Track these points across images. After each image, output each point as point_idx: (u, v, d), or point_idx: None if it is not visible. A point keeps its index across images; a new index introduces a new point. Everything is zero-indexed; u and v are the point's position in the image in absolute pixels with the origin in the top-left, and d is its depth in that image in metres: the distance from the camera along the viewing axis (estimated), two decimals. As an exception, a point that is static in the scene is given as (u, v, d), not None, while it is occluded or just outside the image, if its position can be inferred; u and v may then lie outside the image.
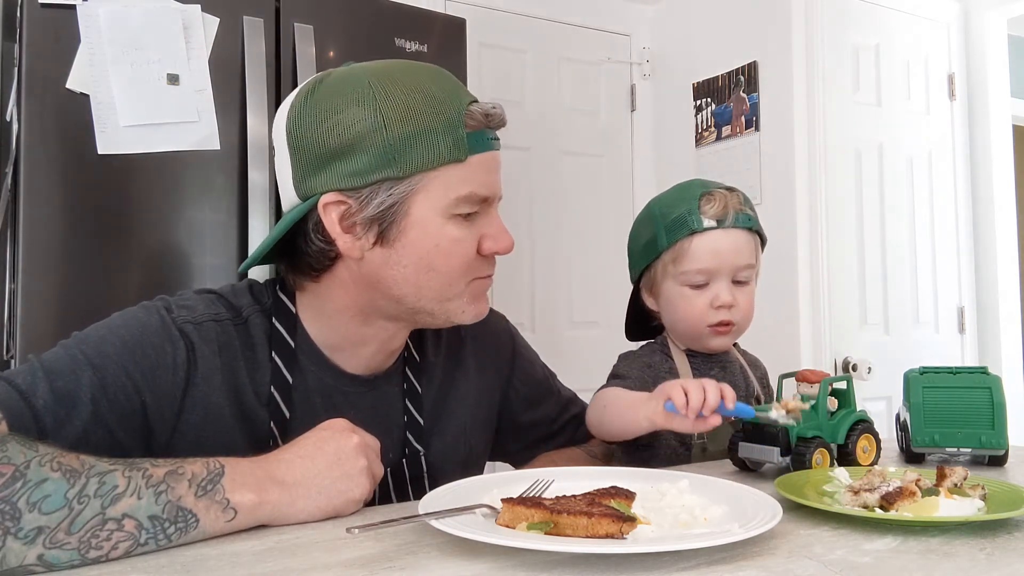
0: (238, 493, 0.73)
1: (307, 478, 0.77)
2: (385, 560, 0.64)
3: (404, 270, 0.90)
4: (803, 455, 0.96)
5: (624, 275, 1.30)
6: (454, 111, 0.88)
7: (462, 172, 0.88)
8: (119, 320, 0.88)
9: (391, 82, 0.88)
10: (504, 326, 1.19)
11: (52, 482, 0.64)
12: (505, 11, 2.94)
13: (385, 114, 0.86)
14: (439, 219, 0.89)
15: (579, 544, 0.64)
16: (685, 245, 1.18)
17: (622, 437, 1.13)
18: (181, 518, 0.69)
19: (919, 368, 1.11)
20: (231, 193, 1.80)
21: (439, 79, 0.91)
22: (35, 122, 1.63)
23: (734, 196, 1.21)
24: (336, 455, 0.79)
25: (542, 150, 3.00)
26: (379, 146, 0.86)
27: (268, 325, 0.95)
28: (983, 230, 3.00)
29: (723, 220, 1.18)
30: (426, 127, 0.86)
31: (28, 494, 0.63)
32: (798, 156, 2.64)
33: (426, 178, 0.87)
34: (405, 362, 1.04)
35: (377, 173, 0.86)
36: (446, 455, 1.04)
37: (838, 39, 2.69)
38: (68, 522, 0.63)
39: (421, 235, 0.89)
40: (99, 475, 0.66)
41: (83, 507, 0.64)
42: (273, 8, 1.88)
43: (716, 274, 1.18)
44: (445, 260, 0.90)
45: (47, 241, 1.63)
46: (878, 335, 2.74)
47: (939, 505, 0.76)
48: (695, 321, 1.20)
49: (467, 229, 0.91)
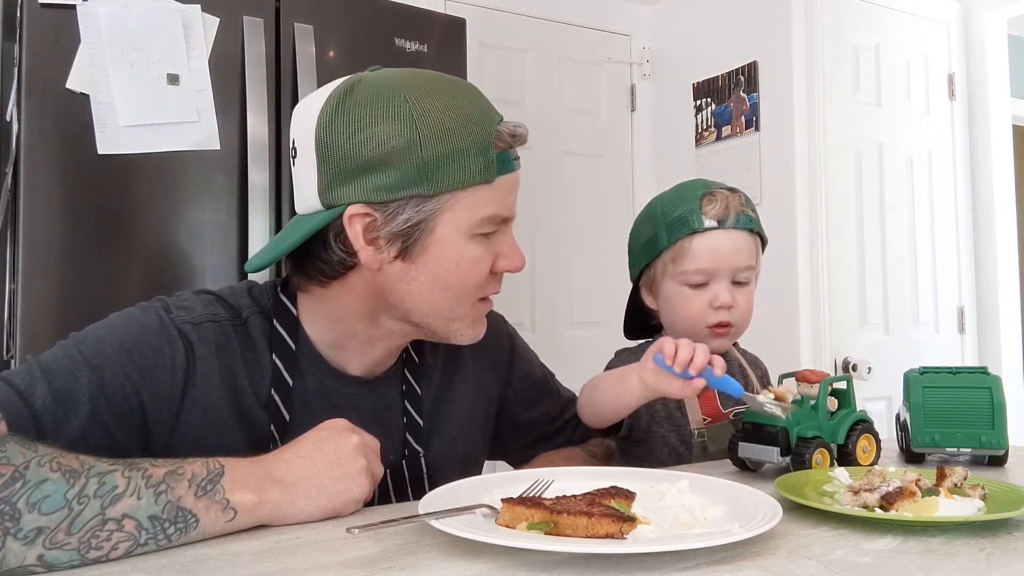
0: (238, 493, 0.73)
1: (307, 478, 0.77)
2: (385, 560, 0.64)
3: (420, 286, 0.91)
4: (803, 455, 0.96)
5: (624, 275, 1.30)
6: (485, 131, 0.88)
7: (489, 193, 0.89)
8: (117, 321, 0.88)
9: (427, 98, 0.87)
10: (502, 326, 1.19)
11: (52, 482, 0.64)
12: (505, 11, 2.94)
13: (421, 131, 0.85)
14: (462, 238, 0.90)
15: (579, 544, 0.64)
16: (685, 244, 1.18)
17: (615, 413, 1.12)
18: (181, 518, 0.69)
19: (919, 368, 1.11)
20: (231, 193, 1.80)
21: (471, 97, 0.91)
22: (35, 122, 1.63)
23: (736, 197, 1.21)
24: (336, 455, 0.79)
25: (542, 150, 3.00)
26: (412, 163, 0.85)
27: (268, 327, 0.95)
28: (983, 230, 3.00)
29: (724, 220, 1.18)
30: (459, 147, 0.86)
31: (28, 494, 0.63)
32: (798, 156, 2.64)
33: (454, 197, 0.88)
34: (404, 364, 1.05)
35: (408, 190, 0.86)
36: (445, 455, 1.05)
37: (838, 39, 2.69)
38: (68, 522, 0.63)
39: (443, 253, 0.89)
40: (99, 475, 0.67)
41: (83, 507, 0.64)
42: (273, 8, 1.88)
43: (716, 274, 1.18)
44: (461, 279, 0.91)
45: (47, 241, 1.63)
46: (878, 335, 2.74)
47: (939, 505, 0.76)
48: (693, 321, 1.20)
49: (485, 248, 0.92)
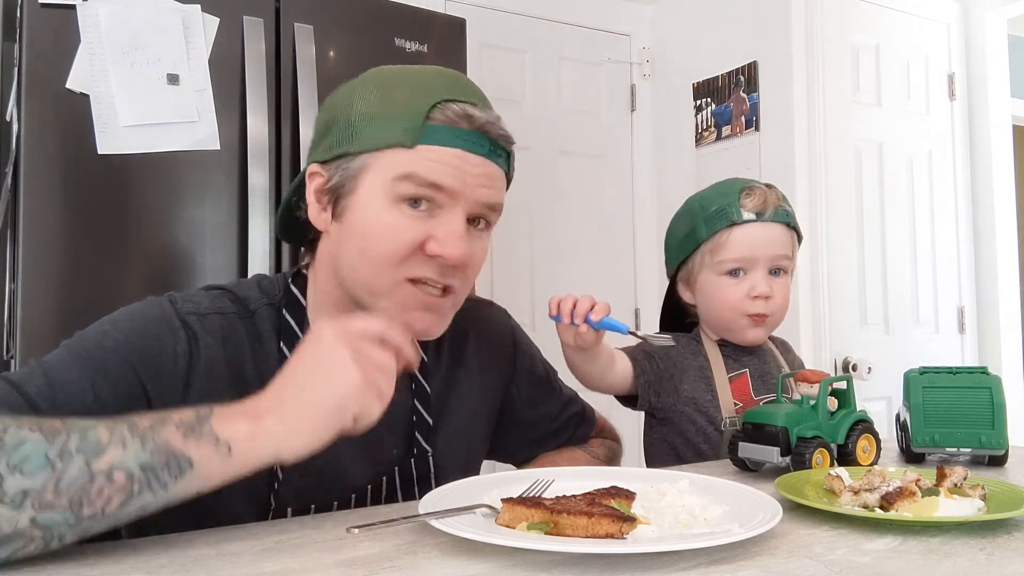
0: (229, 427, 0.68)
1: (294, 394, 0.72)
2: (385, 560, 0.64)
3: (348, 248, 0.90)
4: (803, 455, 0.96)
5: (624, 275, 1.31)
6: (423, 101, 0.87)
7: (408, 157, 0.86)
8: (122, 314, 0.88)
9: (385, 73, 0.92)
10: (506, 322, 1.19)
11: (31, 443, 0.62)
12: (505, 11, 2.94)
13: (358, 95, 0.90)
14: (381, 200, 0.87)
15: (579, 544, 0.64)
16: (724, 236, 1.21)
17: (578, 366, 1.17)
18: (173, 462, 0.65)
19: (919, 368, 1.11)
20: (231, 193, 1.80)
21: (435, 75, 0.92)
22: (35, 122, 1.63)
23: (773, 192, 1.24)
24: (315, 358, 0.73)
25: (542, 150, 3.00)
26: (344, 123, 0.90)
27: (277, 317, 0.95)
28: (983, 230, 3.00)
29: (762, 213, 1.21)
30: (387, 111, 0.88)
31: (7, 458, 0.60)
32: (798, 156, 2.64)
33: (372, 158, 0.88)
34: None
35: (339, 148, 0.90)
36: (449, 454, 1.04)
37: (838, 39, 2.69)
38: (53, 482, 0.61)
39: (361, 214, 0.88)
40: (81, 431, 0.64)
41: (67, 465, 0.62)
42: (273, 8, 1.88)
43: (753, 264, 1.21)
44: (375, 245, 0.87)
45: (47, 241, 1.63)
46: (878, 335, 2.74)
47: (939, 505, 0.76)
48: (731, 309, 1.22)
49: (410, 220, 0.87)
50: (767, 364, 1.29)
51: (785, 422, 0.98)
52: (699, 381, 1.24)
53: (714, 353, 1.26)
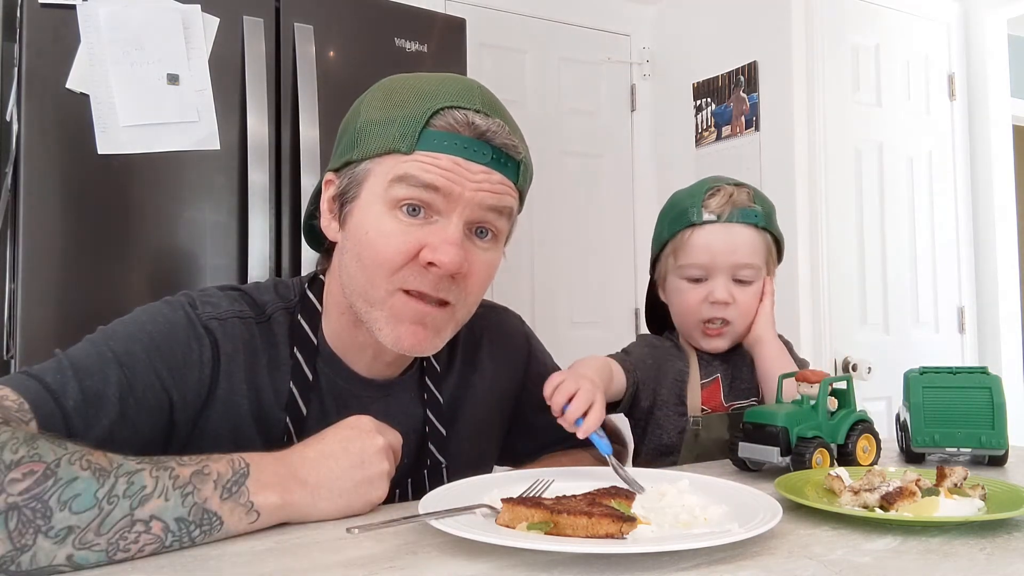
0: (262, 495, 0.72)
1: (330, 480, 0.76)
2: (385, 560, 0.64)
3: (348, 257, 0.90)
4: (803, 455, 0.96)
5: (624, 275, 1.31)
6: (424, 108, 0.86)
7: (404, 162, 0.85)
8: (145, 316, 0.88)
9: (394, 80, 0.93)
10: (520, 328, 1.19)
11: (82, 481, 0.63)
12: (505, 11, 2.94)
13: (366, 103, 0.92)
14: (379, 206, 0.87)
15: (579, 544, 0.64)
16: (684, 237, 1.19)
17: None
18: (206, 521, 0.68)
19: (919, 368, 1.11)
20: (231, 193, 1.80)
21: (441, 82, 0.90)
22: (35, 122, 1.63)
23: (741, 191, 1.20)
24: (360, 457, 0.78)
25: (542, 150, 3.00)
26: (352, 131, 0.91)
27: (292, 322, 0.95)
28: (983, 230, 3.00)
29: (722, 215, 1.17)
30: (388, 117, 0.87)
31: (59, 492, 0.62)
32: (798, 156, 2.64)
33: (373, 164, 0.88)
34: (424, 371, 1.03)
35: (346, 155, 0.90)
36: (461, 459, 1.04)
37: (838, 39, 2.69)
38: (98, 522, 0.62)
39: (361, 221, 0.88)
40: (127, 475, 0.66)
41: (112, 507, 0.63)
42: (273, 8, 1.88)
43: (713, 270, 1.18)
44: (371, 252, 0.86)
45: (47, 241, 1.63)
46: (878, 335, 2.74)
47: (939, 505, 0.76)
48: (689, 315, 1.20)
49: (405, 227, 0.85)
50: (740, 371, 1.26)
51: (785, 422, 0.98)
52: (675, 386, 1.23)
53: (692, 357, 1.25)
